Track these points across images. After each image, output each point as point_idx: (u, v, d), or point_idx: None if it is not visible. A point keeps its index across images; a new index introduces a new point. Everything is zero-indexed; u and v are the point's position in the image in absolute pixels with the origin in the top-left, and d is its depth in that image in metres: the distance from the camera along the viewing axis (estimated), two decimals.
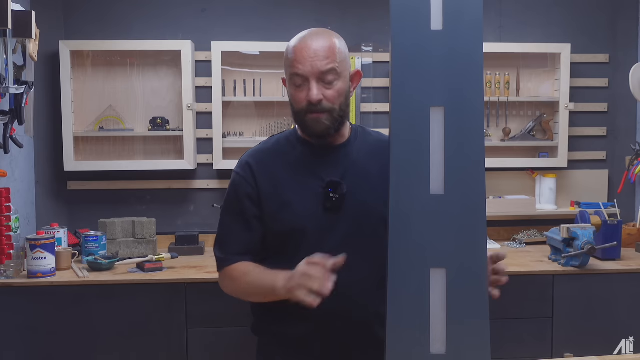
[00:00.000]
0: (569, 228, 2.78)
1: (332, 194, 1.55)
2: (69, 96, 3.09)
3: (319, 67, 1.49)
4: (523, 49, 3.30)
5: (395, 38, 1.00)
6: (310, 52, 1.49)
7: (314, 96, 1.49)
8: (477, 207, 1.01)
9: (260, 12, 3.30)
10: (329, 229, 1.56)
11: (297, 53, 1.51)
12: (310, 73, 1.49)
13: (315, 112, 1.52)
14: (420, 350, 1.02)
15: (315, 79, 1.50)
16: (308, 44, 1.51)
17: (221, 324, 2.66)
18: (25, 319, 2.60)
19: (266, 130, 3.29)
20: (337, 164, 1.59)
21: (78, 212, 3.26)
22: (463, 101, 1.01)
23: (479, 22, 1.01)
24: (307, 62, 1.49)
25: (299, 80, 1.51)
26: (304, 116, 1.54)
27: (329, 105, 1.52)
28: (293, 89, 1.54)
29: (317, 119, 1.52)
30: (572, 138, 3.39)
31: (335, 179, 1.56)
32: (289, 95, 1.57)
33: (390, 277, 1.02)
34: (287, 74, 1.56)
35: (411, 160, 1.01)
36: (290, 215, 1.56)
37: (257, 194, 1.58)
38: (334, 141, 1.61)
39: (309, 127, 1.55)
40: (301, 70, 1.50)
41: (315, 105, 1.50)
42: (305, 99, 1.51)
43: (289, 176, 1.58)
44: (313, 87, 1.50)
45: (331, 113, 1.53)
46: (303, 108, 1.53)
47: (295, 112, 1.56)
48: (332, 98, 1.52)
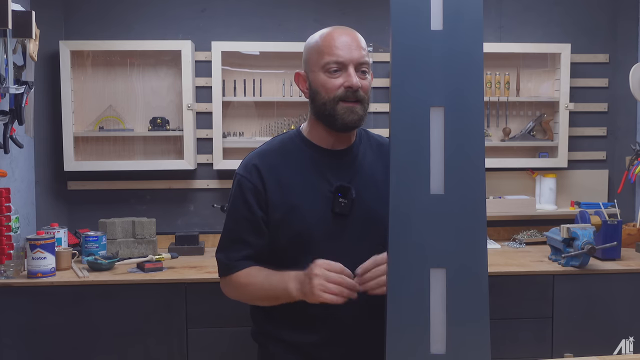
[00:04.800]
0: (569, 228, 2.78)
1: (342, 198, 1.53)
2: (69, 96, 3.09)
3: (357, 56, 1.49)
4: (523, 49, 3.30)
5: (395, 38, 1.00)
6: (349, 40, 1.50)
7: (355, 81, 1.48)
8: (477, 207, 1.01)
9: (260, 12, 3.30)
10: (337, 234, 1.54)
11: (335, 40, 1.50)
12: (350, 60, 1.48)
13: (351, 101, 1.50)
14: (420, 350, 1.02)
15: (353, 67, 1.49)
16: (345, 34, 1.51)
17: (221, 324, 2.66)
18: (25, 319, 2.60)
19: (266, 130, 3.29)
20: (345, 167, 1.58)
21: (78, 212, 3.27)
22: (463, 101, 1.01)
23: (479, 22, 1.01)
24: (347, 49, 1.49)
25: (336, 67, 1.49)
26: (335, 104, 1.50)
27: (363, 94, 1.51)
28: (326, 77, 1.50)
29: (352, 108, 1.50)
30: (572, 138, 3.39)
31: (344, 184, 1.54)
32: (320, 85, 1.52)
33: (390, 277, 1.02)
34: (318, 64, 1.52)
35: (411, 160, 1.01)
36: (299, 218, 1.53)
37: (265, 198, 1.55)
38: (341, 144, 1.59)
39: (339, 116, 1.51)
40: (341, 57, 1.48)
41: (354, 92, 1.49)
42: (342, 85, 1.49)
43: (297, 179, 1.56)
44: (353, 73, 1.49)
45: (363, 105, 1.52)
46: (337, 95, 1.49)
47: (324, 102, 1.51)
48: (366, 88, 1.52)
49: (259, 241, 1.57)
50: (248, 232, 1.57)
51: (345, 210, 1.53)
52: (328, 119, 1.53)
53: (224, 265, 1.60)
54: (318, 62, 1.51)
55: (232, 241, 1.59)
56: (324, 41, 1.51)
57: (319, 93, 1.52)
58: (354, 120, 1.51)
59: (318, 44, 1.52)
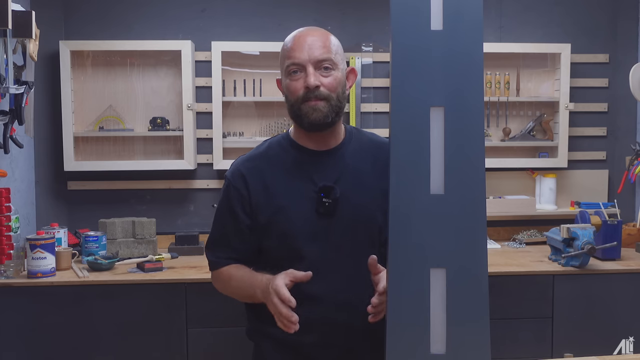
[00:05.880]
0: (569, 228, 2.78)
1: (325, 198, 1.54)
2: (69, 96, 3.09)
3: (315, 55, 1.51)
4: (523, 49, 3.30)
5: (395, 38, 1.00)
6: (307, 41, 1.52)
7: (311, 80, 1.49)
8: (477, 207, 1.01)
9: (260, 12, 3.30)
10: (323, 234, 1.55)
11: (295, 42, 1.53)
12: (307, 60, 1.50)
13: (313, 99, 1.51)
14: (420, 350, 1.02)
15: (312, 66, 1.50)
16: (304, 35, 1.54)
17: (221, 324, 2.66)
18: (25, 319, 2.60)
19: (266, 130, 3.29)
20: (331, 167, 1.58)
21: (78, 212, 3.27)
22: (463, 101, 1.01)
23: (479, 22, 1.01)
24: (304, 50, 1.51)
25: (295, 68, 1.52)
26: (300, 105, 1.52)
27: (326, 92, 1.51)
28: (289, 80, 1.53)
29: (315, 107, 1.51)
30: (572, 138, 3.39)
31: (327, 184, 1.55)
32: (285, 89, 1.56)
33: (390, 277, 1.02)
34: (283, 68, 1.56)
35: (411, 160, 1.01)
36: (284, 220, 1.55)
37: (249, 204, 1.58)
38: (328, 144, 1.60)
39: (305, 116, 1.52)
40: (298, 58, 1.51)
41: (312, 90, 1.50)
42: (302, 86, 1.51)
43: (282, 181, 1.57)
44: (310, 72, 1.50)
45: (328, 101, 1.52)
46: (300, 96, 1.52)
47: (292, 104, 1.55)
48: (329, 85, 1.52)
49: (243, 246, 1.62)
50: (232, 238, 1.63)
51: (330, 211, 1.54)
52: (297, 120, 1.56)
53: (211, 262, 1.68)
54: (282, 66, 1.56)
55: (217, 244, 1.66)
56: (286, 45, 1.55)
57: (287, 96, 1.56)
58: (318, 117, 1.52)
59: (283, 49, 1.56)
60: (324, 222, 1.55)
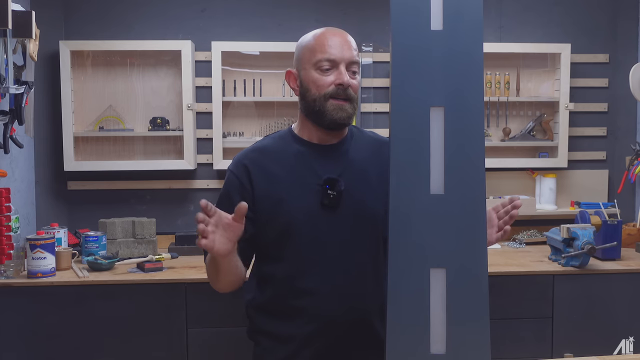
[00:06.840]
0: (569, 228, 2.78)
1: (330, 190, 1.54)
2: (69, 96, 3.09)
3: (348, 56, 1.52)
4: (523, 49, 3.30)
5: (395, 38, 1.00)
6: (341, 40, 1.53)
7: (346, 79, 1.51)
8: (477, 207, 1.01)
9: (260, 12, 3.30)
10: (325, 226, 1.55)
11: (328, 39, 1.53)
12: (341, 58, 1.52)
13: (341, 99, 1.52)
14: (420, 350, 1.02)
15: (345, 65, 1.52)
16: (337, 34, 1.55)
17: (221, 324, 2.66)
18: (25, 319, 2.60)
19: (266, 130, 3.29)
20: (335, 161, 1.59)
21: (78, 212, 3.27)
22: (463, 101, 1.01)
23: (479, 22, 1.01)
24: (339, 48, 1.52)
25: (327, 65, 1.52)
26: (325, 101, 1.52)
27: (353, 94, 1.53)
28: (317, 74, 1.53)
29: (341, 106, 1.52)
30: (572, 138, 3.39)
31: (332, 176, 1.55)
32: (311, 82, 1.54)
33: (391, 277, 1.02)
34: (307, 60, 1.54)
35: (411, 160, 1.01)
36: (286, 211, 1.55)
37: (251, 196, 1.57)
38: (332, 139, 1.61)
39: (329, 113, 1.53)
40: (333, 55, 1.51)
41: (344, 89, 1.51)
42: (333, 83, 1.51)
43: (285, 173, 1.57)
44: (344, 71, 1.51)
45: (352, 103, 1.54)
46: (327, 92, 1.52)
47: (314, 98, 1.54)
48: (356, 88, 1.55)
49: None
50: None
51: (334, 203, 1.54)
52: (317, 115, 1.55)
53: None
54: (310, 59, 1.54)
55: None
56: (317, 40, 1.54)
57: (309, 90, 1.54)
58: (342, 117, 1.53)
59: (311, 43, 1.55)
60: (327, 215, 1.55)
